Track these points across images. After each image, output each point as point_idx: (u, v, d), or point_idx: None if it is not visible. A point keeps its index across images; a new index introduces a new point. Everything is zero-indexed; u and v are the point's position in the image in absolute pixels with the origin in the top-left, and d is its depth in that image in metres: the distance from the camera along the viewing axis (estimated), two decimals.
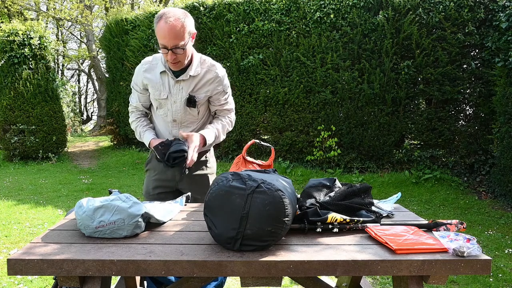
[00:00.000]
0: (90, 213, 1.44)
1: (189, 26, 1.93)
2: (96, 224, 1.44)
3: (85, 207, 1.46)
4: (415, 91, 6.08)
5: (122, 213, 1.46)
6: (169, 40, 1.86)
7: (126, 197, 1.53)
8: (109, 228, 1.45)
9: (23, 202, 5.45)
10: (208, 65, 2.08)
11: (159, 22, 1.88)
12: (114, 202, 1.47)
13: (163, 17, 1.88)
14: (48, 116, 8.65)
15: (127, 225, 1.46)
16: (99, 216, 1.44)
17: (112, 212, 1.45)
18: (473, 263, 1.31)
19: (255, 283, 1.39)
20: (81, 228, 1.47)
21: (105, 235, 1.46)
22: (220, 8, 7.15)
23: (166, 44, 1.88)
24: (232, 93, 2.27)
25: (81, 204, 1.49)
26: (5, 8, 14.47)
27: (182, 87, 2.06)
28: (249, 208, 1.32)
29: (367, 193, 1.69)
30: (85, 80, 24.87)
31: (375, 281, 3.12)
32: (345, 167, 6.48)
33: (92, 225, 1.44)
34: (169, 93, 2.07)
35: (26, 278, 3.03)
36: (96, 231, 1.45)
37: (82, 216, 1.45)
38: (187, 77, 2.03)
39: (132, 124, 2.25)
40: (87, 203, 1.48)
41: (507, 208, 4.93)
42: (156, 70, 2.07)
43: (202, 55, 2.11)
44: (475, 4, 5.68)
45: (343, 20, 6.33)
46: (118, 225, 1.45)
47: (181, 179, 2.18)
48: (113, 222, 1.44)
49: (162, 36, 1.87)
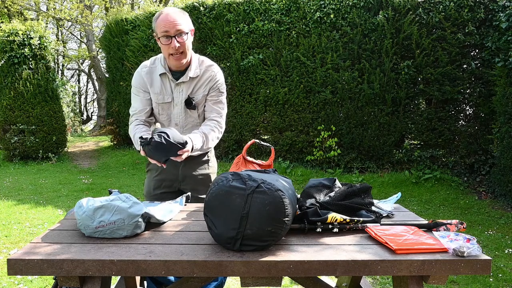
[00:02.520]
0: (90, 213, 1.44)
1: (189, 20, 1.97)
2: (96, 224, 1.44)
3: (85, 207, 1.46)
4: (415, 91, 6.08)
5: (122, 213, 1.46)
6: (172, 26, 1.88)
7: (126, 197, 1.53)
8: (109, 228, 1.45)
9: (23, 202, 5.45)
10: (206, 65, 2.07)
11: (160, 15, 1.92)
12: (114, 202, 1.47)
13: (162, 11, 1.92)
14: (48, 116, 8.64)
15: (127, 225, 1.46)
16: (99, 216, 1.44)
17: (112, 212, 1.45)
18: (473, 263, 1.31)
19: (255, 283, 1.39)
20: (81, 228, 1.47)
21: (105, 235, 1.46)
22: (220, 8, 7.14)
23: (169, 30, 1.88)
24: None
25: (81, 204, 1.49)
26: (5, 8, 14.46)
27: (182, 89, 2.04)
28: (249, 208, 1.32)
29: (367, 193, 1.69)
30: (85, 80, 24.90)
31: (375, 281, 3.12)
32: (345, 167, 6.48)
33: (92, 225, 1.44)
34: (171, 96, 2.05)
35: (26, 278, 3.02)
36: (96, 231, 1.45)
37: (82, 216, 1.45)
38: (187, 79, 2.02)
39: (131, 133, 2.05)
40: (87, 203, 1.48)
41: (507, 208, 4.92)
42: (155, 73, 2.04)
43: (200, 56, 2.10)
44: (475, 4, 5.68)
45: (343, 20, 6.33)
46: (118, 225, 1.45)
47: (183, 179, 2.17)
48: (113, 222, 1.44)
49: (164, 24, 1.88)
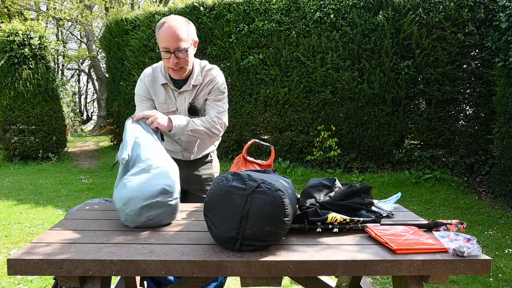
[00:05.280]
0: (137, 211, 1.56)
1: (192, 32, 1.91)
2: (144, 220, 1.58)
3: (131, 207, 1.55)
4: (415, 91, 6.08)
5: (166, 207, 1.60)
6: (172, 42, 1.83)
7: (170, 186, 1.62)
8: (156, 221, 1.60)
9: (23, 202, 5.44)
10: (206, 70, 2.05)
11: (162, 26, 1.86)
12: (160, 199, 1.58)
13: (165, 22, 1.86)
14: (48, 116, 8.64)
15: (170, 214, 1.63)
16: (146, 213, 1.56)
17: (158, 209, 1.58)
18: (473, 263, 1.31)
19: (255, 283, 1.39)
20: (128, 222, 1.60)
21: (151, 225, 1.61)
22: (220, 8, 7.14)
23: (168, 46, 1.84)
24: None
25: (125, 201, 1.56)
26: (5, 8, 14.46)
27: (184, 97, 2.03)
28: (249, 208, 1.32)
29: (367, 193, 1.69)
30: (85, 80, 24.91)
31: (375, 281, 3.12)
32: (345, 167, 6.48)
33: (140, 220, 1.58)
34: (175, 105, 2.04)
35: (26, 278, 3.02)
36: (143, 224, 1.59)
37: (130, 213, 1.57)
38: (189, 87, 2.00)
39: None
40: (129, 202, 1.55)
41: (507, 208, 4.92)
42: (157, 82, 2.02)
43: (201, 62, 2.07)
44: (475, 4, 5.68)
45: (343, 20, 6.32)
46: (163, 217, 1.61)
47: (188, 179, 2.15)
48: (159, 215, 1.59)
49: (165, 38, 1.84)
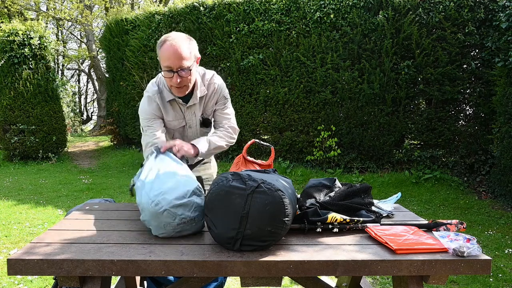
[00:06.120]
0: (172, 210, 1.45)
1: (194, 49, 1.87)
2: (178, 222, 1.46)
3: (164, 205, 1.45)
4: (415, 91, 6.07)
5: (200, 210, 1.51)
6: (174, 61, 1.77)
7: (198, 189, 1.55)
8: (190, 224, 1.49)
9: (23, 202, 5.44)
10: (207, 78, 2.02)
11: (163, 44, 1.80)
12: (193, 199, 1.50)
13: (167, 40, 1.80)
14: (48, 116, 8.65)
15: (200, 220, 1.53)
16: (180, 213, 1.46)
17: (191, 209, 1.49)
18: (473, 263, 1.31)
19: (255, 283, 1.39)
20: (160, 229, 1.47)
21: (186, 231, 1.50)
22: (220, 8, 7.14)
23: (171, 66, 1.79)
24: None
25: (157, 201, 1.46)
26: (5, 8, 14.46)
27: (194, 111, 2.02)
28: (249, 208, 1.32)
29: (367, 193, 1.69)
30: (85, 80, 24.92)
31: (375, 281, 3.12)
32: (345, 167, 6.47)
33: (174, 222, 1.46)
34: (184, 120, 2.03)
35: (26, 278, 3.02)
36: (177, 228, 1.48)
37: (163, 214, 1.44)
38: (196, 100, 1.98)
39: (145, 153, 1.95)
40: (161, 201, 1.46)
41: (507, 208, 4.92)
42: (164, 99, 1.97)
43: (199, 71, 2.02)
44: (475, 4, 5.68)
45: (343, 20, 6.32)
46: (196, 221, 1.51)
47: None
48: (193, 218, 1.49)
49: (167, 57, 1.78)
